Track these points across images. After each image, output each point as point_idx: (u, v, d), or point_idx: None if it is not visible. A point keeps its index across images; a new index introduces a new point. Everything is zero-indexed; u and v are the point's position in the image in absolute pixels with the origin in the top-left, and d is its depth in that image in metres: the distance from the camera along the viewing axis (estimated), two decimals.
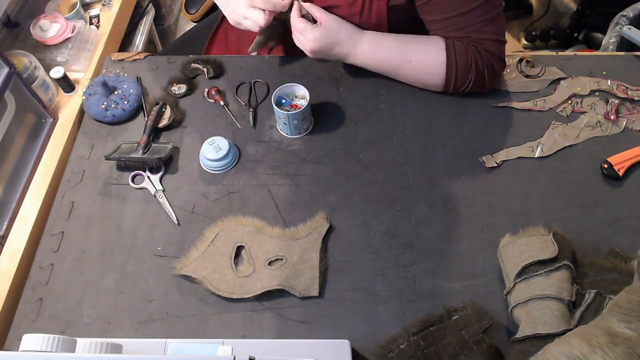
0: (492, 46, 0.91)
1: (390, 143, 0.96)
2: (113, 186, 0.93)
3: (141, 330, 0.79)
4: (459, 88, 0.96)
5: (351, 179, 0.92)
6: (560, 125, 0.96)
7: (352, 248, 0.85)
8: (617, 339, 0.61)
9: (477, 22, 0.89)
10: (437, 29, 0.93)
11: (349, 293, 0.81)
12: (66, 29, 1.10)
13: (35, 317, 0.80)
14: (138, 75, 1.08)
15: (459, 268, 0.82)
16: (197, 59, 1.09)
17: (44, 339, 0.51)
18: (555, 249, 0.74)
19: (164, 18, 1.80)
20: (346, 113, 1.00)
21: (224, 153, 0.91)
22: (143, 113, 1.02)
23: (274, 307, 0.80)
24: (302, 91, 0.95)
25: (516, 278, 0.75)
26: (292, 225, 0.87)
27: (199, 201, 0.91)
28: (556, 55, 1.06)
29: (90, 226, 0.89)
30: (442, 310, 0.75)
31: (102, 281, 0.83)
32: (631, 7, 1.40)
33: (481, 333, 0.72)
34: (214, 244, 0.84)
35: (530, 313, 0.71)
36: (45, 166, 0.96)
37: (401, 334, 0.73)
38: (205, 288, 0.81)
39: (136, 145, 0.95)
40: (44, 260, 0.86)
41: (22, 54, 1.01)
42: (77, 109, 1.04)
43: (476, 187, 0.90)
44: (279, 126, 0.98)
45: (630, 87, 1.00)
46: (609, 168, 0.89)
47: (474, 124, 0.97)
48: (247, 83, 1.06)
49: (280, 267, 0.82)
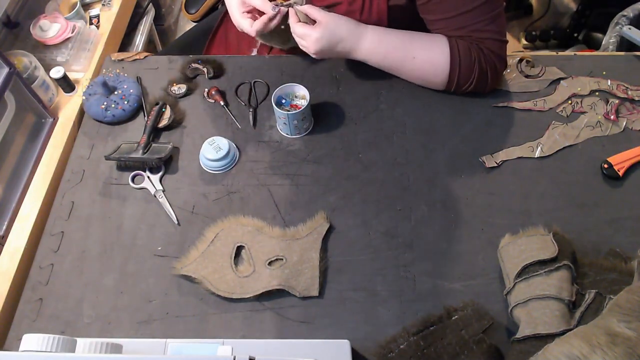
0: (493, 45, 0.91)
1: (390, 143, 0.96)
2: (113, 186, 0.93)
3: (141, 330, 0.79)
4: (461, 87, 0.96)
5: (351, 179, 0.92)
6: (560, 125, 0.96)
7: (352, 248, 0.85)
8: (617, 339, 0.61)
9: (478, 22, 0.89)
10: (438, 29, 0.93)
11: (349, 293, 0.81)
12: (66, 29, 1.10)
13: (35, 317, 0.80)
14: (138, 75, 1.08)
15: (459, 268, 0.82)
16: (197, 59, 1.09)
17: (44, 339, 0.51)
18: (555, 249, 0.74)
19: (164, 18, 1.80)
20: (346, 113, 1.00)
21: (224, 153, 0.92)
22: (143, 113, 1.02)
23: (274, 307, 0.80)
24: (302, 91, 0.95)
25: (516, 278, 0.75)
26: (292, 225, 0.87)
27: (199, 201, 0.91)
28: (556, 55, 1.06)
29: (90, 226, 0.89)
30: (442, 310, 0.75)
31: (102, 281, 0.83)
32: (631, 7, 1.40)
33: (481, 333, 0.72)
34: (214, 244, 0.84)
35: (530, 313, 0.71)
36: (45, 166, 0.96)
37: (401, 334, 0.73)
38: (205, 288, 0.81)
39: (136, 145, 0.95)
40: (44, 260, 0.86)
41: (22, 54, 1.01)
42: (77, 109, 1.04)
43: (476, 187, 0.90)
44: (279, 126, 0.98)
45: (630, 87, 1.00)
46: (609, 168, 0.89)
47: (474, 124, 0.97)
48: (247, 83, 1.06)
49: (280, 267, 0.82)
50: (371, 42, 0.93)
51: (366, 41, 0.92)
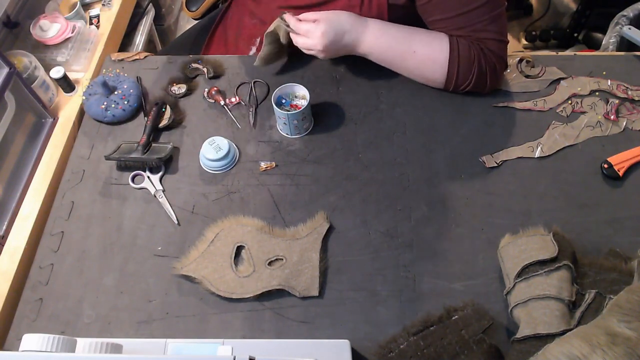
0: (493, 46, 0.91)
1: (390, 143, 0.96)
2: (113, 186, 0.93)
3: (141, 330, 0.79)
4: (459, 86, 0.96)
5: (351, 179, 0.92)
6: (560, 125, 0.96)
7: (352, 248, 0.85)
8: (617, 339, 0.61)
9: (479, 22, 0.89)
10: (438, 29, 0.93)
11: (349, 293, 0.81)
12: (66, 29, 1.10)
13: (35, 317, 0.80)
14: (138, 75, 1.08)
15: (459, 268, 0.82)
16: (197, 59, 1.09)
17: (44, 339, 0.51)
18: (555, 249, 0.74)
19: (164, 18, 1.80)
20: (346, 113, 1.00)
21: (224, 153, 0.91)
22: (143, 113, 1.02)
23: (274, 307, 0.80)
24: (302, 91, 0.95)
25: (516, 278, 0.75)
26: (292, 225, 0.87)
27: (199, 201, 0.91)
28: (556, 55, 1.06)
29: (90, 226, 0.89)
30: (442, 310, 0.75)
31: (102, 281, 0.83)
32: (631, 7, 1.40)
33: (481, 333, 0.72)
34: (214, 244, 0.84)
35: (530, 313, 0.71)
36: (45, 166, 0.96)
37: (401, 334, 0.73)
38: (205, 288, 0.81)
39: (136, 145, 0.95)
40: (44, 260, 0.86)
41: (22, 54, 1.01)
42: (77, 109, 1.04)
43: (476, 187, 0.90)
44: (279, 126, 0.98)
45: (630, 87, 1.00)
46: (609, 168, 0.89)
47: (474, 124, 0.97)
48: (247, 83, 1.06)
49: (280, 267, 0.82)
50: (374, 34, 0.92)
51: (369, 33, 0.92)
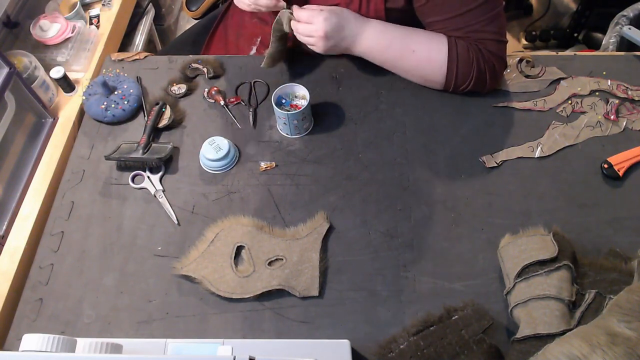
0: (492, 46, 0.91)
1: (390, 143, 0.96)
2: (113, 186, 0.93)
3: (141, 330, 0.79)
4: (459, 86, 0.96)
5: (351, 179, 0.92)
6: (560, 125, 0.96)
7: (352, 248, 0.85)
8: (617, 339, 0.61)
9: (477, 22, 0.89)
10: (437, 30, 0.93)
11: (349, 293, 0.81)
12: (66, 29, 1.10)
13: (35, 317, 0.80)
14: (138, 75, 1.08)
15: (459, 268, 0.82)
16: (197, 59, 1.09)
17: (44, 339, 0.51)
18: (555, 249, 0.74)
19: (164, 18, 1.80)
20: (346, 113, 1.00)
21: (224, 153, 0.91)
22: (143, 113, 1.02)
23: (274, 307, 0.80)
24: (302, 91, 0.95)
25: (516, 278, 0.75)
26: (292, 225, 0.87)
27: (199, 201, 0.91)
28: (556, 55, 1.06)
29: (90, 226, 0.89)
30: (442, 310, 0.75)
31: (102, 281, 0.83)
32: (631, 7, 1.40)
33: (481, 333, 0.72)
34: (214, 244, 0.84)
35: (530, 313, 0.71)
36: (45, 166, 0.96)
37: (401, 334, 0.73)
38: (205, 288, 0.81)
39: (136, 145, 0.95)
40: (44, 260, 0.86)
41: (22, 54, 1.01)
42: (77, 109, 1.04)
43: (476, 187, 0.90)
44: (279, 126, 0.98)
45: (630, 87, 1.00)
46: (609, 168, 0.89)
47: (474, 124, 0.97)
48: (247, 83, 1.06)
49: (280, 267, 0.82)
50: (374, 33, 0.92)
51: (370, 30, 0.92)
